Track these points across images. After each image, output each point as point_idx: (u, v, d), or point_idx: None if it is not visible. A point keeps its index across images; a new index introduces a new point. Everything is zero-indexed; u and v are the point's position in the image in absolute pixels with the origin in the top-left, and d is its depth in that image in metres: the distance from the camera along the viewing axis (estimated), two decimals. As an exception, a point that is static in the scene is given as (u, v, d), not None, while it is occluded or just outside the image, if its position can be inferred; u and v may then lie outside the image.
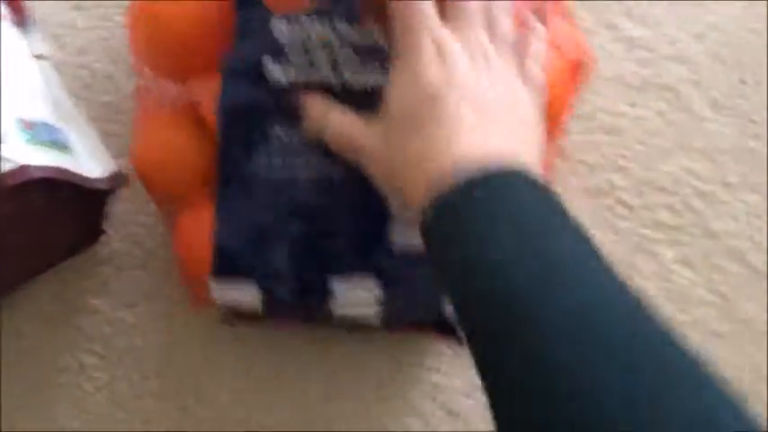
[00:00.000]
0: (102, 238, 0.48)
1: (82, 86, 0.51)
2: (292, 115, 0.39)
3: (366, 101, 0.39)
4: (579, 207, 0.51)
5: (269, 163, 0.40)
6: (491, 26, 0.38)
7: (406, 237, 0.40)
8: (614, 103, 0.53)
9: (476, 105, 0.35)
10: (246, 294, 0.41)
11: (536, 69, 0.40)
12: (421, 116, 0.35)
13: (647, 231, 0.51)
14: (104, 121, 0.50)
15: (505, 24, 0.39)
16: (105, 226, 0.48)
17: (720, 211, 0.51)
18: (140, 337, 0.47)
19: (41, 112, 0.44)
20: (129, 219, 0.49)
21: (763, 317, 0.50)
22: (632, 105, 0.53)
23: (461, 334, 0.45)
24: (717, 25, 0.55)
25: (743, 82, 0.54)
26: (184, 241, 0.43)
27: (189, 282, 0.44)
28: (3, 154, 0.39)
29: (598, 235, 0.49)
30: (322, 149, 0.39)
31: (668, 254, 0.51)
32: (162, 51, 0.42)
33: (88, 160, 0.44)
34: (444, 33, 0.37)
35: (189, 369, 0.47)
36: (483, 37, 0.38)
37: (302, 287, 0.41)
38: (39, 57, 0.47)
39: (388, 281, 0.41)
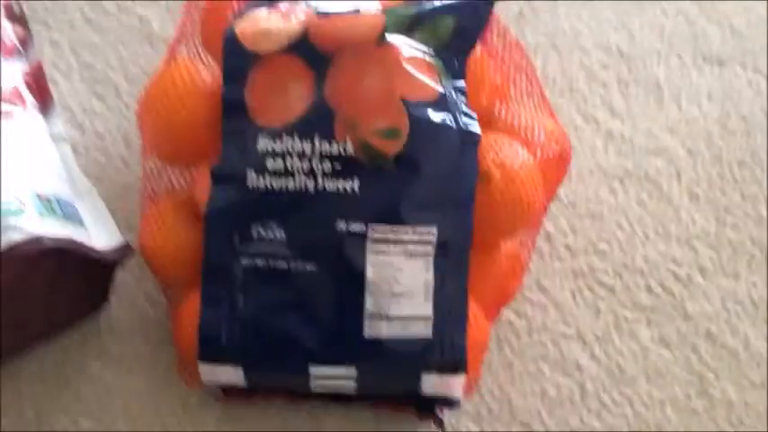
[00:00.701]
0: (105, 305, 0.51)
1: (98, 167, 0.55)
2: (271, 217, 0.42)
3: (337, 203, 0.42)
4: (562, 288, 0.54)
5: (250, 260, 0.43)
6: None
7: (377, 329, 0.43)
8: (597, 193, 0.57)
9: None
10: (231, 376, 0.44)
11: None
12: None
13: (625, 312, 0.53)
14: (117, 198, 0.53)
15: None
16: (109, 294, 0.51)
17: (696, 294, 0.54)
18: (137, 402, 0.49)
19: (57, 187, 0.48)
20: (131, 288, 0.52)
21: (736, 396, 0.51)
22: (614, 194, 0.57)
23: (441, 415, 0.47)
24: (689, 121, 0.59)
25: (721, 177, 0.58)
26: (179, 325, 0.46)
27: (182, 363, 0.47)
28: (20, 224, 0.43)
29: (579, 315, 0.53)
30: (299, 248, 0.42)
31: (646, 333, 0.53)
32: (165, 140, 0.46)
33: (98, 233, 0.48)
34: None
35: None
36: None
37: (282, 372, 0.44)
38: (57, 138, 0.51)
39: (362, 365, 0.43)
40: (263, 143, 0.42)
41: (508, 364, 0.51)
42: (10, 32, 0.53)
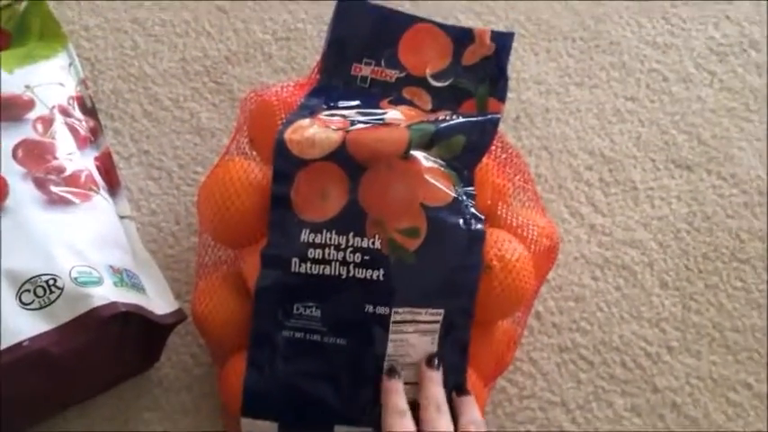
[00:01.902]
0: (157, 363, 0.59)
1: (151, 240, 0.63)
2: (309, 297, 0.50)
3: (365, 289, 0.50)
4: (549, 360, 0.62)
5: (290, 332, 0.50)
6: None
7: None
8: (580, 278, 0.64)
9: None
10: (267, 430, 0.51)
11: None
12: None
13: (603, 383, 0.61)
14: (166, 268, 0.62)
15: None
16: (161, 354, 0.59)
17: (664, 369, 0.61)
18: (182, 448, 0.57)
19: (124, 260, 0.56)
20: (180, 349, 0.59)
21: (697, 461, 0.59)
22: (595, 280, 0.65)
23: None
24: (660, 218, 0.68)
25: (688, 268, 0.65)
26: (225, 382, 0.53)
27: (226, 415, 0.54)
28: (99, 292, 0.51)
29: (563, 384, 0.60)
30: (332, 325, 0.50)
31: (620, 402, 0.60)
32: (220, 225, 0.54)
33: (157, 300, 0.56)
34: None
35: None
36: None
37: (311, 429, 0.51)
38: (124, 217, 0.60)
39: (378, 426, 0.50)
40: (306, 235, 0.50)
41: (501, 425, 0.59)
42: (84, 124, 0.62)
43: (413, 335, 0.50)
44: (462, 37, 0.57)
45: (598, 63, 0.75)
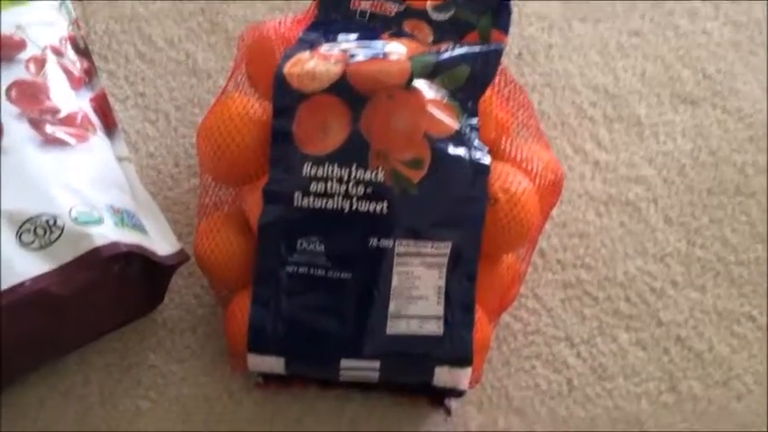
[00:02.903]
0: (161, 305, 0.59)
1: (150, 182, 0.62)
2: (312, 232, 0.50)
3: (369, 222, 0.49)
4: (553, 296, 0.62)
5: (294, 268, 0.50)
6: None
7: (398, 327, 0.50)
8: (584, 215, 0.64)
9: None
10: (273, 365, 0.52)
11: None
12: None
13: (607, 318, 0.61)
14: (166, 211, 0.61)
15: None
16: (165, 295, 0.58)
17: (668, 304, 0.61)
18: (187, 387, 0.57)
19: (124, 201, 0.55)
20: (183, 290, 0.59)
21: (701, 392, 0.59)
22: (599, 216, 0.64)
23: (449, 404, 0.55)
24: (665, 153, 0.67)
25: (692, 204, 0.65)
26: (230, 320, 0.53)
27: (232, 352, 0.54)
28: (100, 232, 0.51)
29: (568, 320, 0.60)
30: (336, 259, 0.50)
31: (624, 337, 0.60)
32: (220, 164, 0.53)
33: (159, 240, 0.55)
34: None
35: (226, 416, 0.56)
36: None
37: (317, 364, 0.52)
38: (122, 158, 0.59)
39: (384, 358, 0.51)
40: (308, 169, 0.50)
41: (506, 361, 0.59)
42: (77, 65, 0.60)
43: (419, 267, 0.50)
44: None
45: (601, -3, 0.73)
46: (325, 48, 0.53)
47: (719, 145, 0.67)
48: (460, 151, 0.50)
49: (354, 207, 0.49)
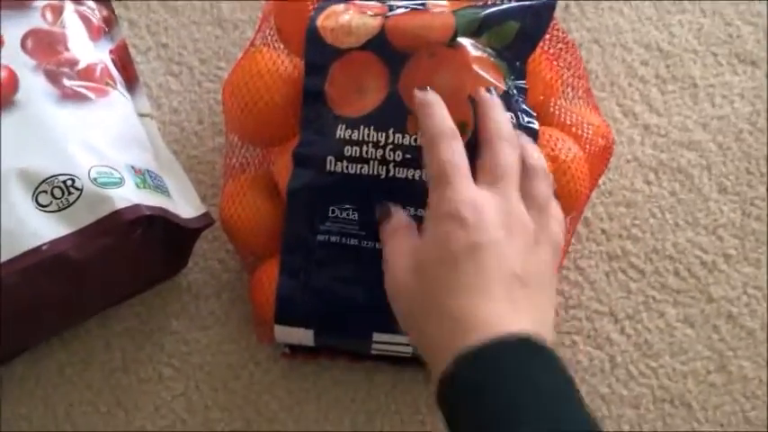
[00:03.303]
0: (184, 270, 0.56)
1: (173, 141, 0.59)
2: (346, 199, 0.47)
3: (406, 190, 0.46)
4: (597, 268, 0.58)
5: (325, 236, 0.47)
6: (526, 189, 0.41)
7: None
8: (632, 182, 0.60)
9: (503, 273, 0.37)
10: (302, 337, 0.49)
11: (558, 231, 0.42)
12: (450, 276, 0.37)
13: (654, 293, 0.57)
14: (190, 170, 0.58)
15: (540, 188, 0.42)
16: (188, 259, 0.56)
17: (720, 279, 0.58)
18: (211, 355, 0.54)
19: (146, 160, 0.52)
20: (208, 254, 0.56)
21: (753, 373, 0.56)
22: (648, 184, 0.60)
23: None
24: (721, 117, 0.63)
25: (749, 172, 0.61)
26: (257, 289, 0.50)
27: (258, 322, 0.52)
28: (121, 194, 0.48)
29: (612, 294, 0.57)
30: (370, 228, 0.47)
31: (672, 312, 0.57)
32: (248, 122, 0.50)
33: (182, 203, 0.52)
34: (478, 194, 0.39)
35: (252, 386, 0.54)
36: (516, 198, 0.40)
37: (347, 337, 0.49)
38: (143, 115, 0.56)
39: None
40: (342, 131, 0.46)
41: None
42: (96, 13, 0.57)
43: None
44: None
45: (656, -54, 0.68)
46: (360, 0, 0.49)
47: (780, 109, 0.63)
48: (507, 115, 0.46)
49: (391, 174, 0.46)
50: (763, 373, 0.56)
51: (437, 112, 0.42)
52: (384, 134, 0.46)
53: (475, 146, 0.44)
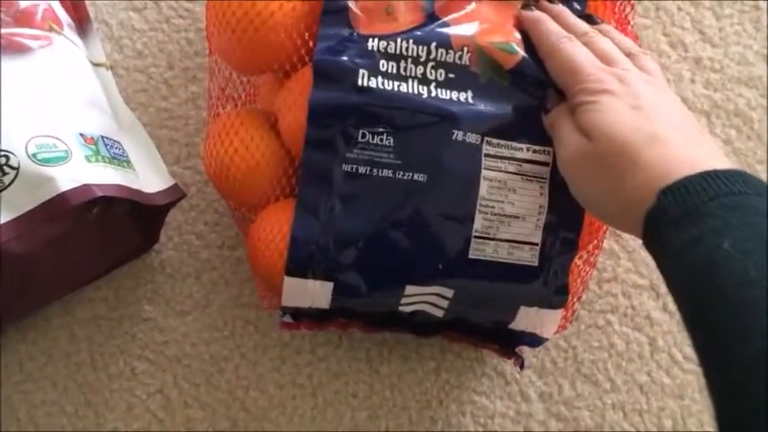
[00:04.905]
0: (157, 245, 0.49)
1: (138, 90, 0.50)
2: (379, 121, 0.39)
3: (451, 113, 0.39)
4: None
5: (353, 166, 0.39)
6: (627, 55, 0.40)
7: (483, 250, 0.40)
8: None
9: (673, 123, 0.37)
10: (317, 294, 0.41)
11: (661, 78, 0.41)
12: (636, 146, 0.36)
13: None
14: (159, 126, 0.50)
15: (633, 47, 0.41)
16: (159, 235, 0.48)
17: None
18: (191, 346, 0.48)
19: (101, 124, 0.44)
20: (183, 227, 0.49)
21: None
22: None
23: (523, 356, 0.45)
24: (791, 49, 0.53)
25: None
26: (259, 240, 0.42)
27: (261, 283, 0.44)
28: (67, 172, 0.40)
29: (652, 264, 0.49)
30: (408, 156, 0.39)
31: (724, 289, 0.50)
32: (249, 48, 0.41)
33: (147, 174, 0.44)
34: (611, 70, 0.38)
35: (238, 380, 0.47)
36: (629, 64, 0.39)
37: (376, 290, 0.41)
38: (98, 65, 0.47)
39: (461, 288, 0.41)
40: (375, 43, 0.39)
41: (575, 315, 0.49)
42: (40, -62, 0.47)
43: (514, 177, 0.40)
44: None
45: None
46: None
47: None
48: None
49: (433, 94, 0.40)
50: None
51: (549, 24, 0.41)
52: (426, 48, 0.40)
53: (523, 77, 0.40)
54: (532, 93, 0.40)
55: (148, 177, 0.44)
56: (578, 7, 0.43)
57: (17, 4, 0.44)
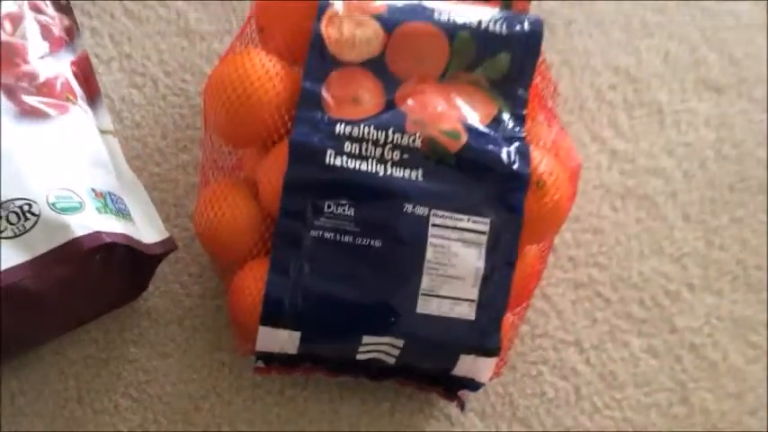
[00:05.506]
0: (144, 293, 0.54)
1: (134, 157, 0.57)
2: (342, 194, 0.46)
3: (403, 188, 0.47)
4: (563, 297, 0.58)
5: (319, 232, 0.46)
6: None
7: (429, 306, 0.47)
8: (599, 208, 0.60)
9: None
10: (286, 342, 0.48)
11: None
12: None
13: (619, 322, 0.58)
14: (152, 188, 0.56)
15: None
16: (149, 283, 0.54)
17: (683, 308, 0.58)
18: (171, 385, 0.53)
19: (108, 182, 0.50)
20: (169, 277, 0.55)
21: (713, 405, 0.56)
22: (615, 211, 0.60)
23: (465, 400, 0.52)
24: (687, 144, 0.63)
25: (712, 200, 0.61)
26: (239, 293, 0.49)
27: (238, 330, 0.50)
28: (80, 221, 0.46)
29: (578, 323, 0.57)
30: (366, 225, 0.46)
31: (636, 343, 0.57)
32: (235, 122, 0.49)
33: (144, 227, 0.50)
34: None
35: (213, 418, 0.52)
36: None
37: (337, 339, 0.48)
38: (105, 132, 0.54)
39: (409, 338, 0.48)
40: (341, 128, 0.47)
41: (512, 366, 0.56)
42: (58, 22, 0.54)
43: (456, 243, 0.47)
44: None
45: (627, -31, 0.68)
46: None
47: (744, 138, 0.63)
48: (498, 134, 0.48)
49: (389, 172, 0.47)
50: (724, 406, 0.56)
51: None
52: (384, 133, 0.47)
53: (467, 158, 0.47)
54: (473, 172, 0.48)
55: (147, 229, 0.50)
56: (520, 92, 0.50)
57: (39, 76, 0.50)
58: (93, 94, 0.54)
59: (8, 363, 0.51)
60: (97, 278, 0.48)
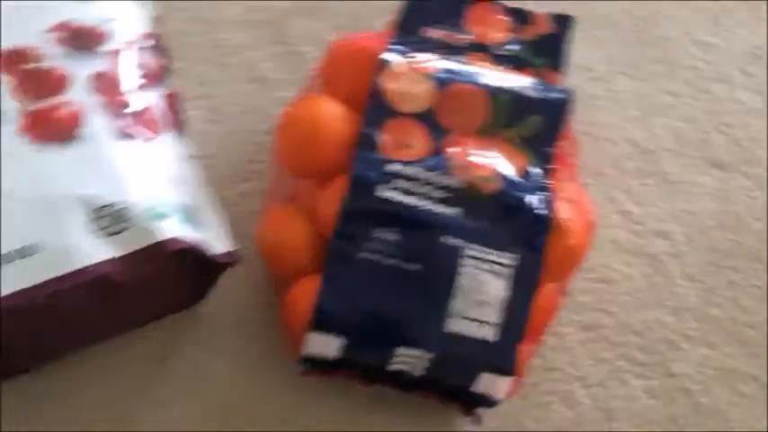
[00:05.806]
0: (203, 300, 0.61)
1: (206, 181, 0.65)
2: (390, 224, 0.54)
3: (444, 223, 0.54)
4: (573, 336, 0.64)
5: (367, 254, 0.54)
6: None
7: (457, 325, 0.54)
8: (611, 261, 0.67)
9: None
10: (330, 347, 0.55)
11: None
12: None
13: (621, 363, 0.64)
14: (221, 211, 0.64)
15: None
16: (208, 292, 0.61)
17: (680, 356, 0.64)
18: (223, 382, 0.59)
19: (189, 198, 0.58)
20: (226, 290, 0.61)
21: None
22: (624, 265, 0.67)
23: (480, 412, 0.58)
24: (691, 212, 0.70)
25: (713, 264, 0.68)
26: (293, 305, 0.56)
27: (290, 337, 0.57)
28: (164, 226, 0.53)
29: (583, 360, 0.63)
30: (408, 252, 0.54)
31: (636, 383, 0.63)
32: (301, 157, 0.58)
33: (215, 238, 0.58)
34: None
35: (265, 414, 0.59)
36: None
37: (375, 347, 0.55)
38: (190, 157, 0.62)
39: (437, 353, 0.54)
40: (394, 167, 0.55)
41: (525, 394, 0.61)
42: (154, 61, 0.63)
43: (485, 273, 0.54)
44: (521, 16, 0.62)
45: (645, 55, 0.76)
46: (421, 57, 0.58)
47: (743, 212, 0.70)
48: (528, 183, 0.56)
49: (432, 208, 0.54)
50: (711, 444, 0.62)
51: None
52: (432, 174, 0.55)
53: (498, 204, 0.55)
54: (504, 214, 0.55)
55: (217, 241, 0.58)
56: (546, 150, 0.57)
57: (138, 104, 0.58)
58: (179, 124, 0.62)
59: (76, 353, 0.58)
60: (171, 280, 0.56)
